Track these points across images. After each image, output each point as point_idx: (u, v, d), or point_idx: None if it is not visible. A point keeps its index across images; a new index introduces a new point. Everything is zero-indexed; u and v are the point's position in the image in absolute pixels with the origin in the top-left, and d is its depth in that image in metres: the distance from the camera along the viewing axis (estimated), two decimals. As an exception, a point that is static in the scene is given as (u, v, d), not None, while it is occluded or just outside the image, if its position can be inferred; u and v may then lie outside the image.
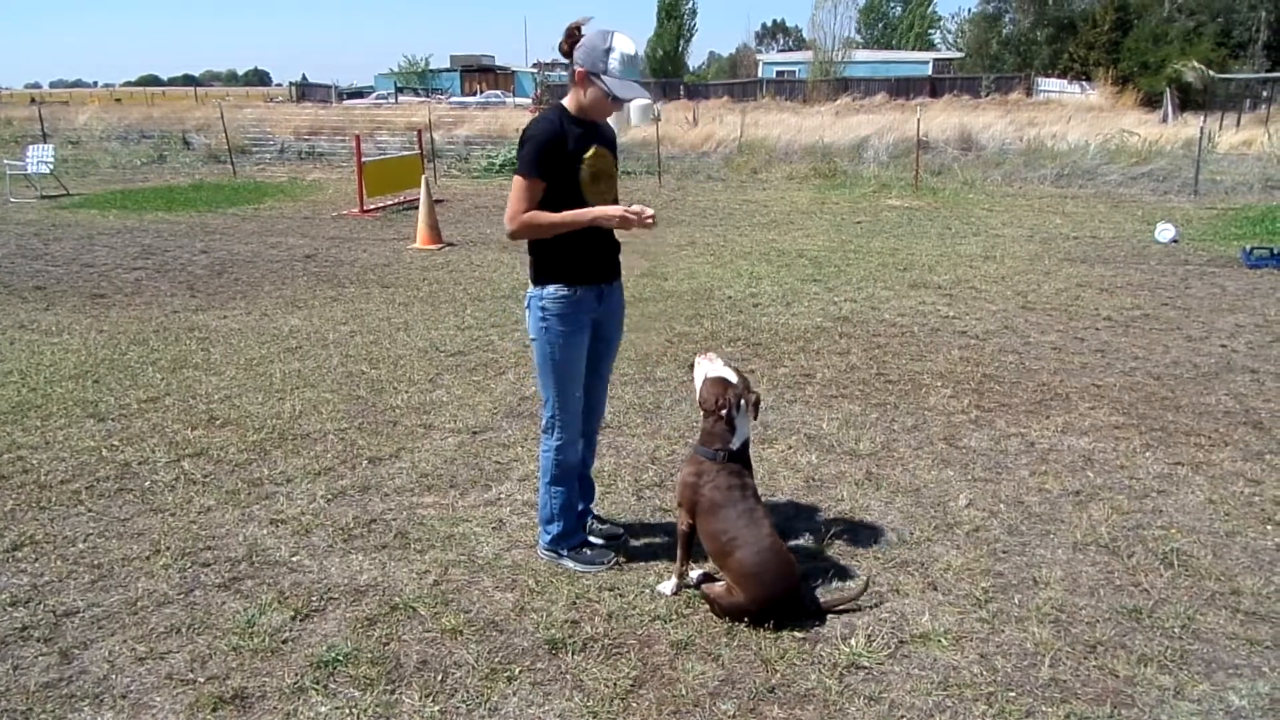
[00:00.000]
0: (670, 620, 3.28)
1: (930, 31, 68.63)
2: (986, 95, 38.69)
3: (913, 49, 63.05)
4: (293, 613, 3.33)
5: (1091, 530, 3.91)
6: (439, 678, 2.97)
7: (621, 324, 3.79)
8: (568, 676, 2.98)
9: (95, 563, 3.70)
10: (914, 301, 7.97)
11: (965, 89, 41.15)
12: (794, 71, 53.02)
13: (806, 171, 18.24)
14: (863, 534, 3.90)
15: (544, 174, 3.31)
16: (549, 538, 3.69)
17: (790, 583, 3.26)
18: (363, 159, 14.44)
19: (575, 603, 3.39)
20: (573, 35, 3.29)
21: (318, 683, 2.94)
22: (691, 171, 18.89)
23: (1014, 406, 5.40)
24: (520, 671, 3.00)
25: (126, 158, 22.38)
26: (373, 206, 14.02)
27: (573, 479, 3.66)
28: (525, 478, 4.46)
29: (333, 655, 3.06)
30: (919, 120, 18.07)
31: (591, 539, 3.82)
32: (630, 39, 3.28)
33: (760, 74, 55.97)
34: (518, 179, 3.33)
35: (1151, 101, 31.71)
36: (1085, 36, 43.40)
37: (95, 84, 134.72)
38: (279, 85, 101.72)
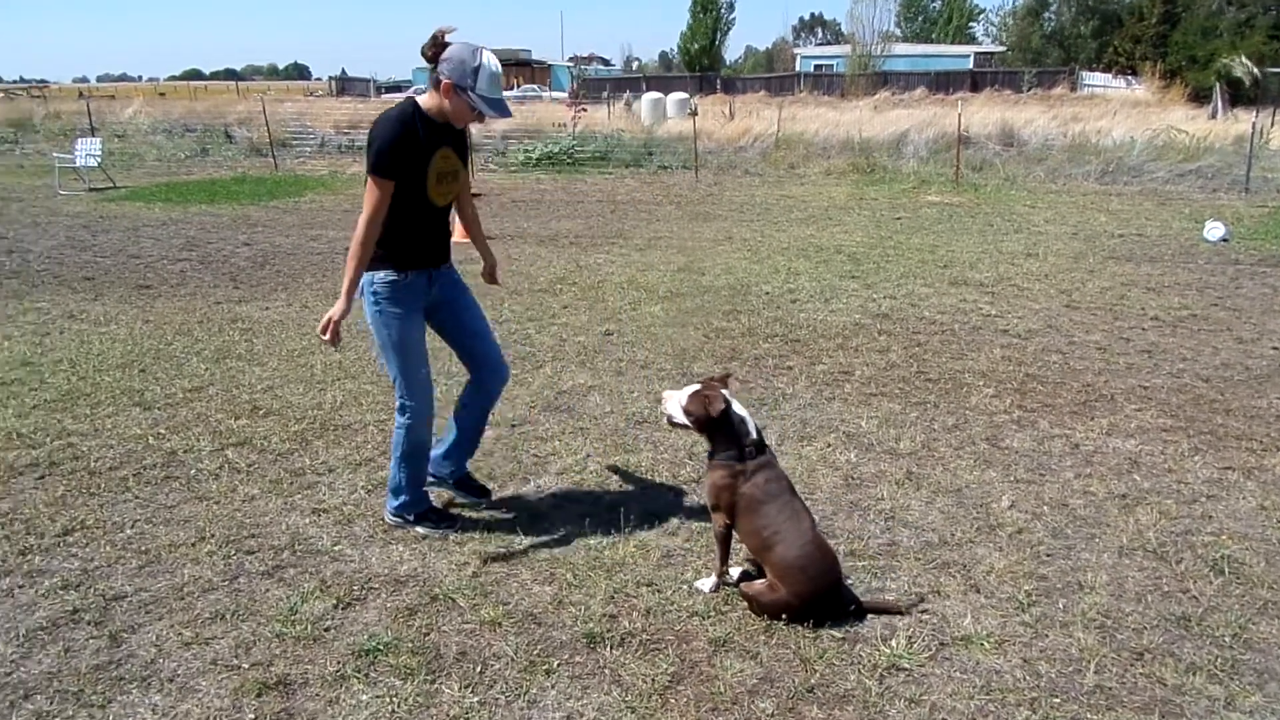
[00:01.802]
0: (708, 617, 3.27)
1: (971, 25, 67.70)
2: (1028, 90, 38.08)
3: (953, 43, 62.24)
4: (334, 601, 3.36)
5: (1138, 535, 3.84)
6: (478, 669, 2.99)
7: (466, 290, 3.94)
8: (606, 671, 2.99)
9: (143, 548, 3.77)
10: (955, 299, 7.88)
11: (1007, 83, 40.53)
12: (832, 65, 52.57)
13: (844, 167, 18.09)
14: (903, 534, 3.87)
15: (393, 173, 3.46)
16: (395, 505, 3.91)
17: (833, 577, 3.24)
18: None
19: (613, 597, 3.40)
20: (438, 43, 3.47)
21: (359, 671, 2.97)
22: (728, 166, 18.82)
23: (1058, 407, 5.32)
24: (559, 665, 3.01)
25: (171, 151, 22.75)
26: (411, 200, 14.11)
27: (422, 455, 3.85)
28: (563, 471, 4.47)
29: (374, 644, 3.09)
30: (960, 115, 17.84)
31: (438, 509, 4.01)
32: (495, 58, 3.48)
33: (797, 68, 55.56)
34: (369, 179, 3.47)
35: (1200, 97, 31.03)
36: (1131, 30, 42.61)
37: (140, 78, 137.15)
38: (318, 79, 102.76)
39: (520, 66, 66.72)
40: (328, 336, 3.54)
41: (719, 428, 3.34)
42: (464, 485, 4.18)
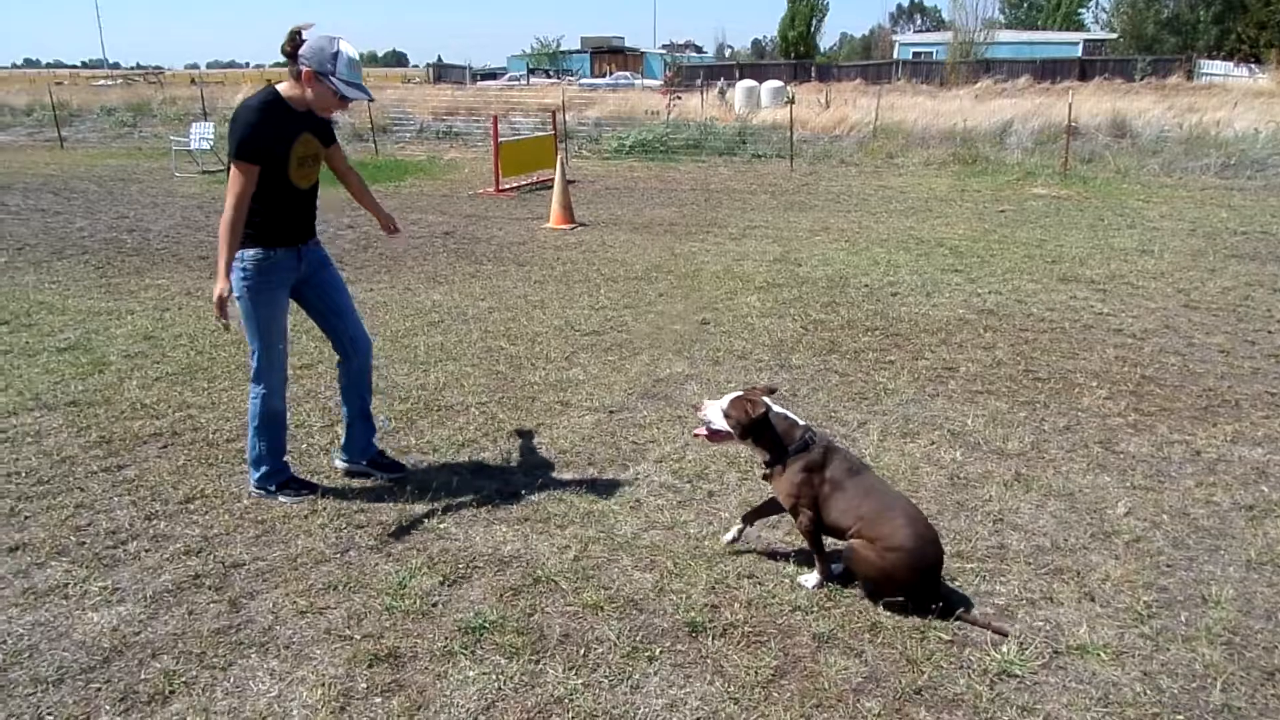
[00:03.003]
0: (811, 612, 3.23)
1: (1080, 11, 65.09)
2: (1141, 79, 36.40)
3: (1060, 29, 59.95)
4: (441, 578, 3.44)
5: (1268, 549, 3.64)
6: (581, 652, 3.02)
7: (333, 268, 4.18)
8: (708, 661, 2.98)
9: (259, 518, 3.92)
10: (1064, 296, 7.59)
11: (1118, 72, 38.87)
12: (931, 53, 51.26)
13: (945, 157, 17.60)
14: (1012, 537, 3.75)
15: (255, 158, 3.64)
16: (257, 475, 4.08)
17: (938, 546, 3.22)
18: (498, 139, 14.74)
19: (714, 588, 3.38)
20: (295, 39, 3.65)
21: (466, 648, 3.03)
22: (824, 155, 18.52)
23: (1177, 411, 5.08)
24: (661, 652, 3.02)
25: (278, 135, 23.49)
26: (507, 186, 14.32)
27: (277, 425, 4.04)
28: (662, 459, 4.47)
29: (480, 622, 3.15)
30: (1070, 105, 17.17)
31: (299, 477, 4.19)
32: (351, 45, 3.66)
33: (895, 55, 54.34)
34: (232, 164, 3.64)
35: (1331, 86, 29.18)
36: (1256, 15, 40.32)
37: (247, 64, 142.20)
38: (415, 67, 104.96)
39: (613, 54, 66.90)
40: (217, 315, 3.71)
41: (762, 432, 3.35)
42: (378, 464, 4.33)
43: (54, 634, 3.12)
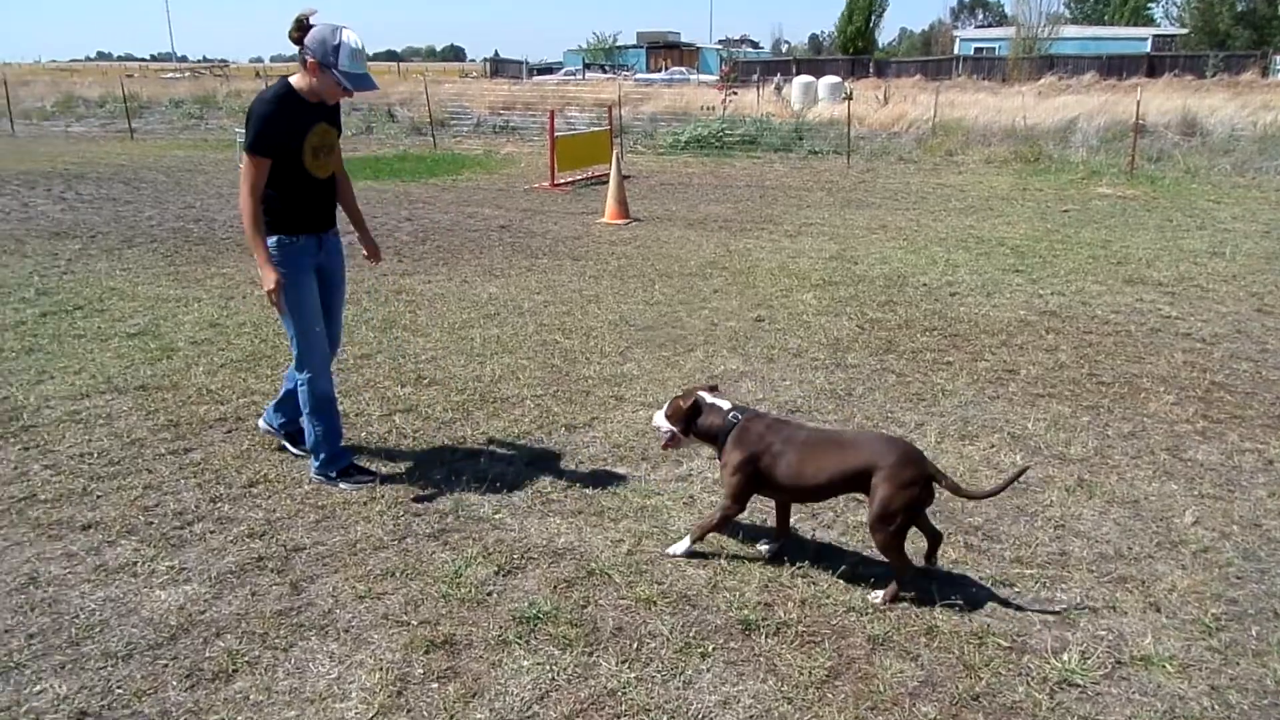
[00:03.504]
0: (866, 614, 3.20)
1: (1149, 6, 63.34)
2: (1213, 75, 35.25)
3: (1127, 24, 58.39)
4: (496, 568, 3.47)
5: (1345, 563, 3.52)
6: (634, 645, 3.03)
7: (343, 266, 4.26)
8: (761, 659, 2.97)
9: (319, 504, 4.00)
10: (1130, 298, 7.40)
11: (1189, 68, 37.69)
12: (993, 49, 50.31)
13: (1006, 155, 17.27)
14: (1074, 544, 3.67)
15: (268, 150, 3.74)
16: (318, 464, 4.17)
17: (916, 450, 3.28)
18: (554, 134, 14.81)
19: (768, 586, 3.37)
20: (302, 25, 3.70)
21: (520, 637, 3.06)
22: (881, 152, 18.29)
23: (1248, 419, 4.93)
24: (714, 649, 3.01)
25: (339, 128, 23.90)
26: (563, 180, 14.39)
27: (330, 409, 4.11)
28: (715, 456, 4.45)
29: (534, 612, 3.18)
30: (1138, 102, 16.72)
31: (357, 462, 4.26)
32: (356, 34, 3.71)
33: (956, 51, 53.44)
34: (245, 156, 3.74)
35: None
36: (1338, 11, 38.76)
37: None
38: (473, 61, 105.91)
39: (668, 49, 66.78)
40: (274, 304, 3.88)
41: (698, 418, 3.50)
42: (294, 440, 4.44)
43: (124, 610, 3.22)
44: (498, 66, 61.07)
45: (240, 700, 2.77)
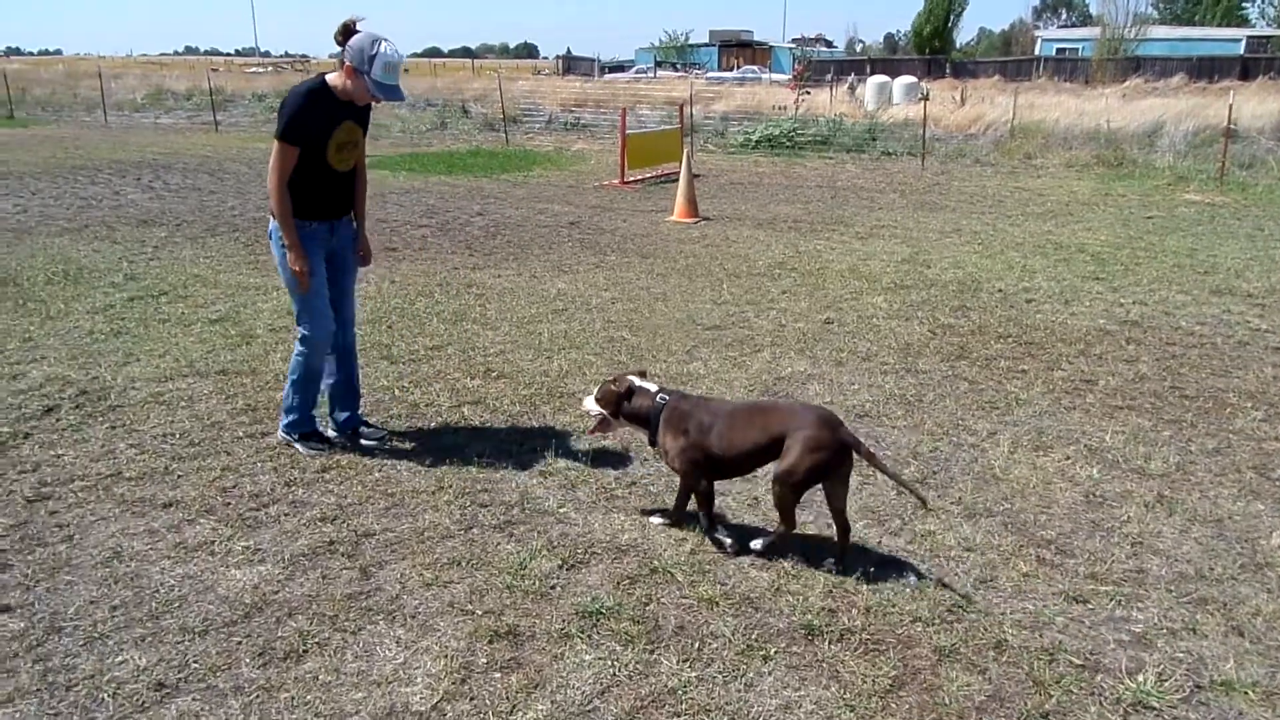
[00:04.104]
0: (933, 624, 3.14)
1: (1243, 6, 60.93)
2: (1312, 79, 33.75)
3: (1220, 25, 56.25)
4: (560, 561, 3.50)
5: None
6: (696, 645, 3.02)
7: (354, 252, 4.48)
8: (824, 665, 2.94)
9: (389, 491, 4.07)
10: (1217, 309, 7.13)
11: (1286, 71, 36.13)
12: (1077, 49, 48.95)
13: (1088, 159, 16.79)
14: (1152, 562, 3.55)
15: (297, 140, 3.96)
16: (285, 423, 4.47)
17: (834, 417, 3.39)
18: (625, 131, 14.85)
19: (832, 591, 3.33)
20: (347, 30, 3.92)
21: (583, 631, 3.08)
22: (957, 154, 17.93)
23: (1343, 439, 4.71)
24: (776, 652, 2.99)
25: (413, 123, 24.36)
26: (632, 178, 14.42)
27: (315, 382, 4.41)
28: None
29: (596, 607, 3.19)
30: (1230, 106, 16.08)
31: (326, 433, 4.57)
32: (393, 46, 3.92)
33: (1037, 51, 52.11)
34: (275, 143, 3.97)
35: None
36: None
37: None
38: (545, 58, 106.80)
39: (741, 48, 66.40)
40: (301, 281, 4.16)
41: (630, 401, 3.65)
42: (358, 435, 4.59)
43: (201, 587, 3.33)
44: (570, 64, 61.47)
45: (310, 680, 2.84)
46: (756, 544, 3.54)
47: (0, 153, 18.09)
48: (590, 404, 3.79)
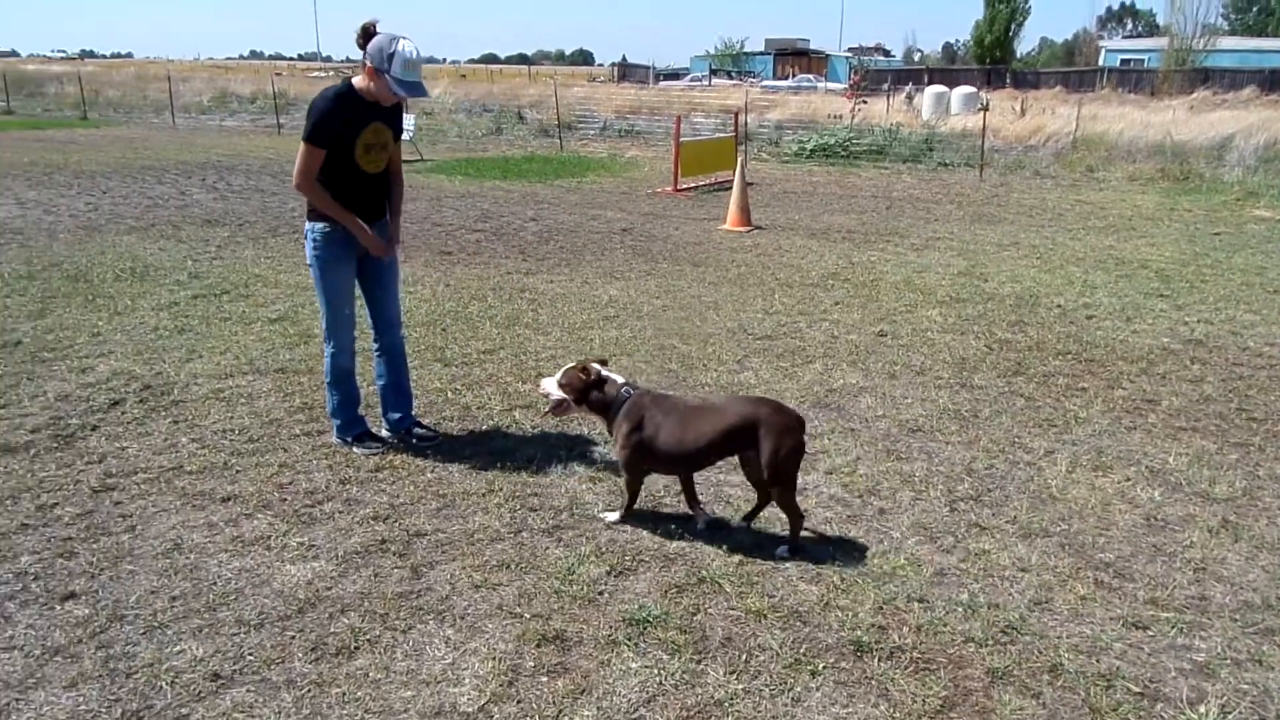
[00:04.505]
0: (985, 645, 3.08)
1: (1321, 17, 59.02)
2: (1392, 93, 32.61)
3: (1296, 37, 54.55)
4: (608, 568, 3.51)
5: None
6: (743, 657, 3.00)
7: (394, 253, 4.52)
8: (873, 682, 2.90)
9: (441, 492, 4.12)
10: (1287, 330, 6.91)
11: (1364, 85, 34.94)
12: (1142, 60, 47.93)
13: (1153, 172, 16.40)
14: (1215, 589, 3.45)
15: (323, 142, 4.04)
16: (335, 427, 4.57)
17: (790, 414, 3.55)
18: (679, 139, 14.85)
19: (882, 608, 3.29)
20: (367, 32, 3.99)
21: (629, 639, 3.08)
22: (1016, 166, 17.64)
23: None
24: (824, 668, 2.96)
25: (470, 128, 24.67)
26: (685, 186, 14.42)
27: (348, 381, 4.49)
28: (832, 471, 4.39)
29: (644, 615, 3.19)
30: (1303, 121, 15.59)
31: (375, 431, 4.64)
32: (412, 44, 3.96)
33: (1101, 62, 51.11)
34: (302, 145, 4.05)
35: None
36: None
37: (444, 60, 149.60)
38: (600, 65, 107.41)
39: (796, 56, 66.15)
40: (383, 252, 4.35)
41: (595, 391, 3.71)
42: (411, 434, 4.65)
43: (257, 581, 3.39)
44: (625, 71, 61.76)
45: (360, 676, 2.88)
46: (783, 550, 3.63)
47: (74, 153, 18.71)
48: (550, 385, 3.82)
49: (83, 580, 3.37)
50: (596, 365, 3.81)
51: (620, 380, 3.77)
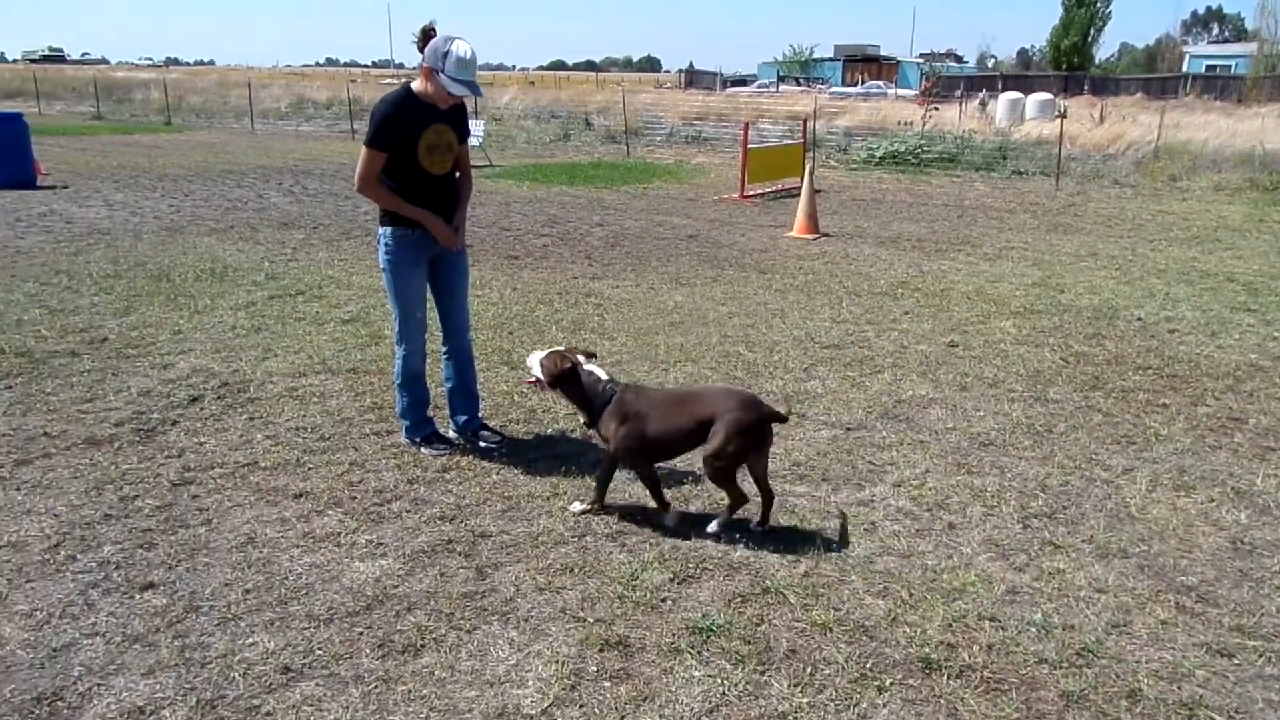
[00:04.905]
0: (1060, 666, 2.99)
1: None
2: None
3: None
4: (671, 575, 3.49)
5: None
6: (808, 670, 2.96)
7: (464, 257, 4.60)
8: (942, 701, 2.83)
9: (506, 494, 4.15)
10: (1386, 348, 6.58)
11: None
12: (1229, 66, 46.36)
13: (1240, 182, 15.80)
14: (1308, 618, 3.29)
15: (384, 146, 4.11)
16: (404, 428, 4.63)
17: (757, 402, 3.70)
18: (747, 145, 14.79)
19: (951, 625, 3.21)
20: (426, 34, 4.06)
21: (692, 647, 3.06)
22: (1095, 175, 17.16)
23: None
24: (891, 684, 2.90)
25: (538, 134, 24.94)
26: (752, 193, 14.35)
27: (418, 383, 4.55)
28: (900, 483, 4.31)
29: (707, 624, 3.17)
30: (1404, 129, 14.88)
31: (444, 433, 4.70)
32: (467, 45, 4.00)
33: (1185, 68, 49.52)
34: (364, 149, 4.13)
35: None
36: None
37: (513, 67, 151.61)
38: (668, 72, 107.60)
39: (866, 62, 65.39)
40: (454, 244, 4.41)
41: (569, 384, 3.78)
42: (477, 436, 4.71)
43: (327, 577, 3.46)
44: (692, 77, 61.76)
45: (426, 675, 2.91)
46: (713, 526, 3.78)
47: (159, 157, 19.41)
48: (534, 363, 3.89)
49: (161, 571, 3.48)
50: (581, 357, 3.88)
51: (604, 376, 3.83)
